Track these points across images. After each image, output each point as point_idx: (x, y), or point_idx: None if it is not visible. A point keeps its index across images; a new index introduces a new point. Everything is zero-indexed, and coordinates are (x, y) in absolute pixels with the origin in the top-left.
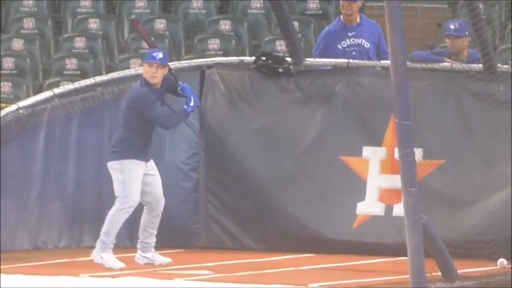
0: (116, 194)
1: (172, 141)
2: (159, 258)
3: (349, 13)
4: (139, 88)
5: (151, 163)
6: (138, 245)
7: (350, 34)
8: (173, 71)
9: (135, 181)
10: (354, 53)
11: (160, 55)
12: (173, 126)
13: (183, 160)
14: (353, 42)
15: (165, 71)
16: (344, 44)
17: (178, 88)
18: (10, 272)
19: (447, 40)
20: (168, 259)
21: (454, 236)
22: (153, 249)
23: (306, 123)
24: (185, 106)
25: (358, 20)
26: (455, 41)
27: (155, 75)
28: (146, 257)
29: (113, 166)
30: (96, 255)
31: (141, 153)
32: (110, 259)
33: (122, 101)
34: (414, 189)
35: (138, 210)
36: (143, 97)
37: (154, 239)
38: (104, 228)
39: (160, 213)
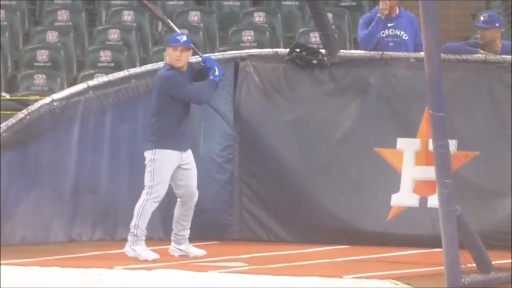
0: (145, 183)
1: (206, 133)
2: (194, 250)
3: (386, 11)
4: (164, 71)
5: (188, 154)
6: (172, 237)
7: (389, 25)
8: (197, 50)
9: (165, 172)
10: (391, 44)
11: (184, 38)
12: (206, 99)
13: (217, 152)
14: (391, 33)
15: (189, 54)
16: (383, 33)
17: (201, 60)
18: (44, 265)
19: (478, 31)
20: (202, 251)
21: (489, 227)
22: (187, 241)
23: (340, 114)
24: (212, 77)
25: (397, 11)
26: (484, 33)
27: (179, 58)
28: (181, 249)
29: (147, 155)
30: (129, 249)
31: (176, 143)
32: (143, 251)
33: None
34: (448, 181)
35: (172, 202)
36: (170, 78)
37: (188, 232)
38: (133, 221)
39: (193, 206)
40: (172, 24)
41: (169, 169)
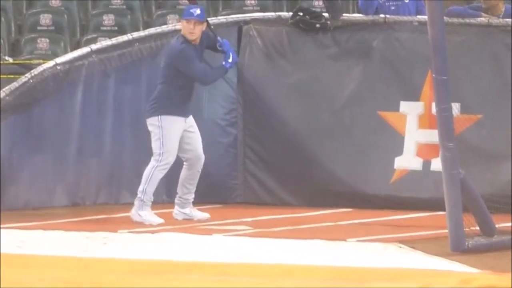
0: (153, 150)
1: (210, 96)
2: (198, 213)
3: None
4: (178, 44)
5: (191, 119)
6: (176, 200)
7: None
8: (212, 27)
9: (173, 138)
10: (393, 8)
11: (198, 11)
12: (212, 82)
13: (221, 116)
14: None
15: (203, 27)
16: None
17: (217, 44)
18: (48, 228)
19: None
20: (206, 215)
21: (492, 190)
22: (191, 205)
23: (343, 78)
24: (224, 62)
25: None
26: None
27: (193, 31)
28: (184, 213)
29: (152, 122)
30: (135, 214)
31: (181, 109)
32: (149, 215)
33: (161, 58)
34: (451, 144)
35: (177, 165)
36: (181, 53)
37: (193, 195)
38: (141, 186)
39: (200, 170)
40: None
41: (177, 135)
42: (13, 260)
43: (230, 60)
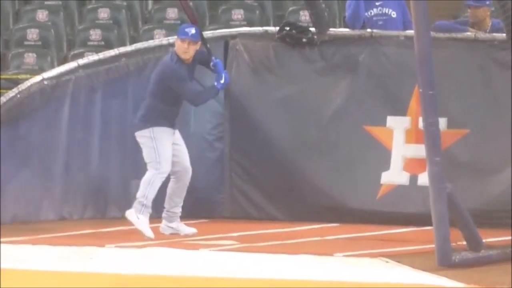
0: (148, 160)
1: (197, 111)
2: (185, 228)
3: None
4: (171, 63)
5: (177, 132)
6: (164, 215)
7: (377, 4)
8: (208, 45)
9: (167, 148)
10: (380, 22)
11: (193, 31)
12: (202, 103)
13: (208, 131)
14: (379, 12)
15: (197, 47)
16: (371, 13)
17: (211, 64)
18: (35, 243)
19: (468, 10)
20: (193, 230)
21: (479, 205)
22: (178, 219)
23: (330, 92)
24: (216, 83)
25: None
26: (475, 11)
27: (187, 50)
28: (172, 227)
29: (143, 134)
30: (133, 214)
31: (170, 122)
32: (145, 223)
33: (153, 73)
34: (438, 159)
35: (165, 180)
36: (174, 73)
37: (180, 209)
38: (142, 191)
39: (187, 183)
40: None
41: (169, 146)
42: (1, 275)
43: (222, 81)
